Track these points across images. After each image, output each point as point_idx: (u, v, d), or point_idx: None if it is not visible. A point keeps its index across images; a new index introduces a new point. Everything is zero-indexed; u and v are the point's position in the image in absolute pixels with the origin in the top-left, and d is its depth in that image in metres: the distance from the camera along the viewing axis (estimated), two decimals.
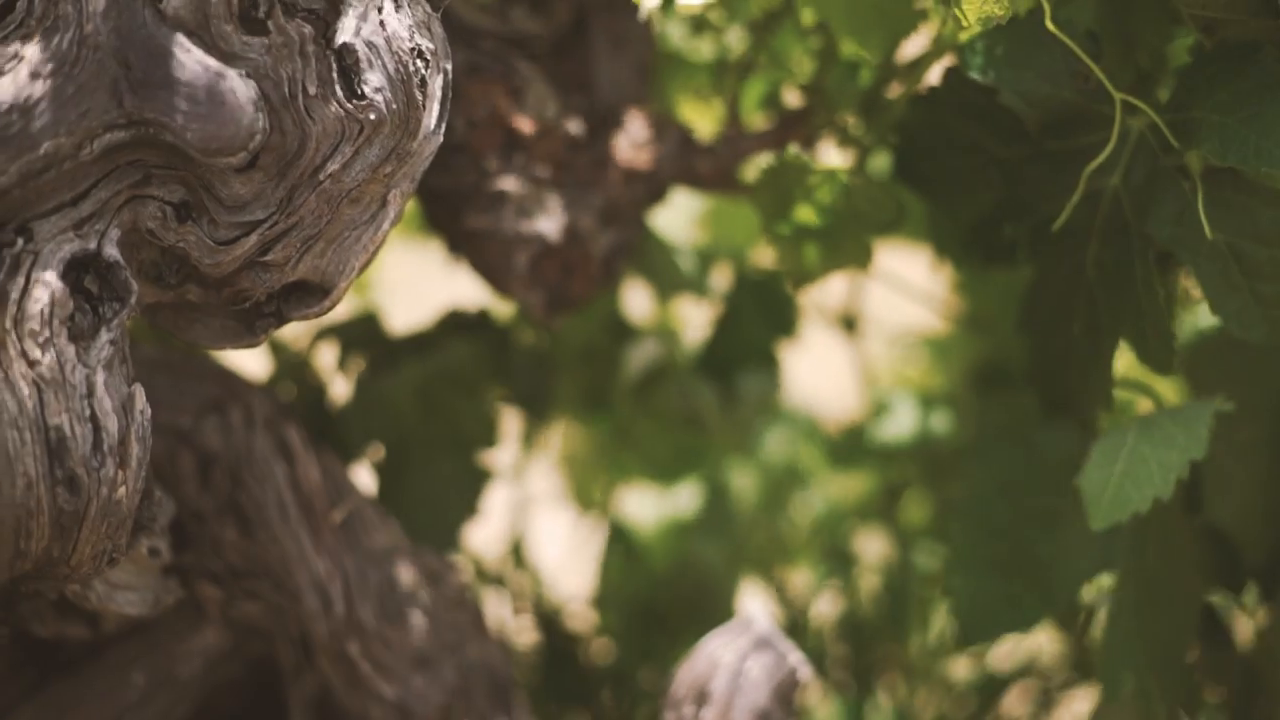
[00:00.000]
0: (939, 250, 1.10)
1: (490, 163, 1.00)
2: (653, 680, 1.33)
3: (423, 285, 1.49)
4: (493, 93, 0.99)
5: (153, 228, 0.75)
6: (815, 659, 1.33)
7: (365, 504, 0.99)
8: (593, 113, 1.04)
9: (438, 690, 0.97)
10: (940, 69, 0.94)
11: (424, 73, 0.76)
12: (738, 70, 1.02)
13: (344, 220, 0.77)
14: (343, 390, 1.14)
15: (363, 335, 1.16)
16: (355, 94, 0.74)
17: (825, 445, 1.43)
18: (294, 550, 0.94)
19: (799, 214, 0.96)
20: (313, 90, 0.74)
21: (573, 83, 1.04)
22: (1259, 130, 0.81)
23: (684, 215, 1.32)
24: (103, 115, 0.72)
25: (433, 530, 1.08)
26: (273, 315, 0.80)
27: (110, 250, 0.74)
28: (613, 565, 1.36)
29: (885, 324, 1.45)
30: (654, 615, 1.33)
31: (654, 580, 1.33)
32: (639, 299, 1.36)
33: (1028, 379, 0.98)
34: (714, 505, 1.34)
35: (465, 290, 1.19)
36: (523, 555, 1.40)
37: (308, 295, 0.79)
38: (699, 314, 1.36)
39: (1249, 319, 0.86)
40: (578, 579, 1.51)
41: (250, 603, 0.95)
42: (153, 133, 0.73)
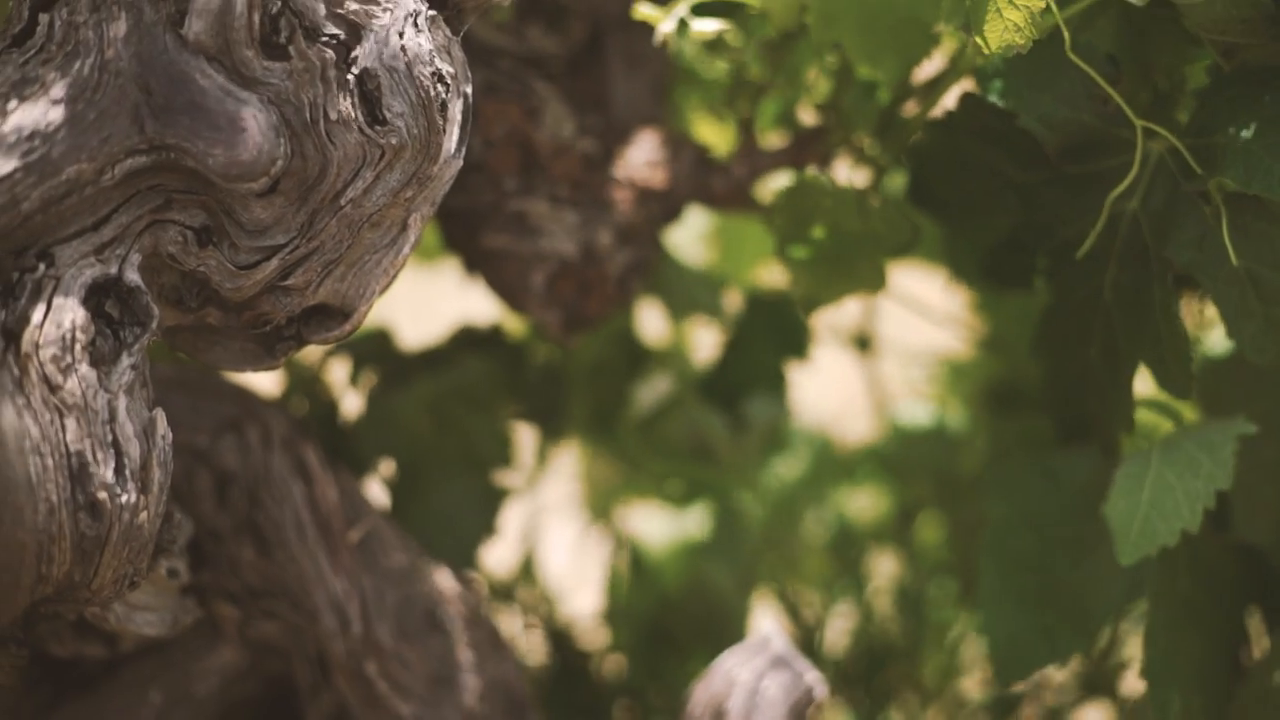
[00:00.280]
0: (954, 272, 1.10)
1: (507, 182, 1.01)
2: (664, 698, 1.33)
3: (434, 301, 1.49)
4: (510, 112, 1.00)
5: (173, 252, 0.75)
6: (829, 678, 1.33)
7: (382, 523, 0.99)
8: (608, 131, 1.04)
9: (455, 709, 0.97)
10: (956, 93, 0.94)
11: (445, 97, 0.76)
12: (753, 90, 1.02)
13: (364, 244, 0.77)
14: (355, 406, 1.14)
15: (375, 351, 1.16)
16: (377, 119, 0.75)
17: (838, 463, 1.43)
18: (311, 570, 0.94)
19: (816, 235, 0.96)
20: (334, 115, 0.74)
21: (588, 101, 1.04)
22: None
23: (693, 233, 1.33)
24: (124, 141, 0.72)
25: (449, 549, 1.08)
26: (292, 338, 0.80)
27: (131, 275, 0.74)
28: (622, 584, 1.36)
29: (899, 344, 1.45)
30: (664, 633, 1.33)
31: (664, 599, 1.33)
32: (652, 318, 1.36)
33: (1043, 402, 0.98)
34: (725, 525, 1.34)
35: (477, 306, 1.19)
36: (534, 571, 1.40)
37: (328, 319, 0.80)
38: (711, 333, 1.36)
39: (1264, 343, 0.86)
40: (587, 594, 1.51)
41: (267, 622, 0.95)
42: (174, 158, 0.73)
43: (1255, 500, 0.94)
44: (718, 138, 1.19)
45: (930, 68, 0.96)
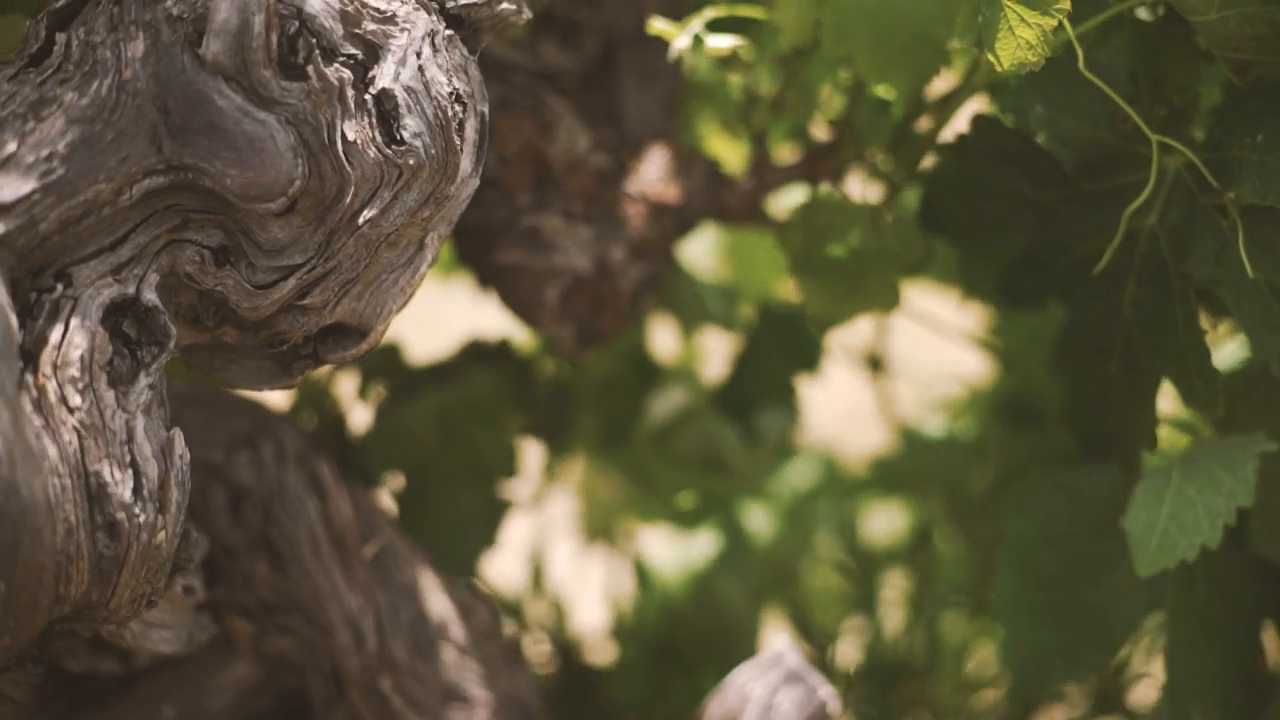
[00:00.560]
0: (968, 291, 1.10)
1: (521, 197, 1.01)
2: (673, 715, 1.32)
3: (443, 315, 1.49)
4: (524, 128, 1.00)
5: (191, 271, 0.75)
6: (842, 693, 1.33)
7: (396, 538, 0.99)
8: (622, 146, 1.04)
9: None
10: (968, 111, 0.94)
11: (462, 116, 0.76)
12: (766, 105, 1.02)
13: (381, 264, 0.77)
14: (363, 419, 1.14)
15: (383, 365, 1.16)
16: (394, 139, 0.75)
17: (848, 479, 1.43)
18: (326, 585, 0.94)
19: (829, 253, 0.96)
20: (351, 136, 0.74)
21: (601, 116, 1.05)
22: None
23: (706, 248, 1.32)
24: (142, 161, 0.72)
25: (452, 560, 1.08)
26: (309, 357, 0.80)
27: (149, 295, 0.74)
28: (631, 600, 1.36)
29: (911, 360, 1.44)
30: (673, 650, 1.32)
31: (673, 615, 1.33)
32: (663, 333, 1.35)
33: (1062, 419, 0.98)
34: (734, 542, 1.33)
35: (485, 320, 1.19)
36: (542, 586, 1.40)
37: (344, 338, 0.80)
38: (721, 347, 1.36)
39: None
40: (594, 609, 1.51)
41: (282, 637, 0.95)
42: (191, 178, 0.73)
43: (1272, 515, 0.93)
44: (730, 153, 1.19)
45: (943, 83, 0.96)
